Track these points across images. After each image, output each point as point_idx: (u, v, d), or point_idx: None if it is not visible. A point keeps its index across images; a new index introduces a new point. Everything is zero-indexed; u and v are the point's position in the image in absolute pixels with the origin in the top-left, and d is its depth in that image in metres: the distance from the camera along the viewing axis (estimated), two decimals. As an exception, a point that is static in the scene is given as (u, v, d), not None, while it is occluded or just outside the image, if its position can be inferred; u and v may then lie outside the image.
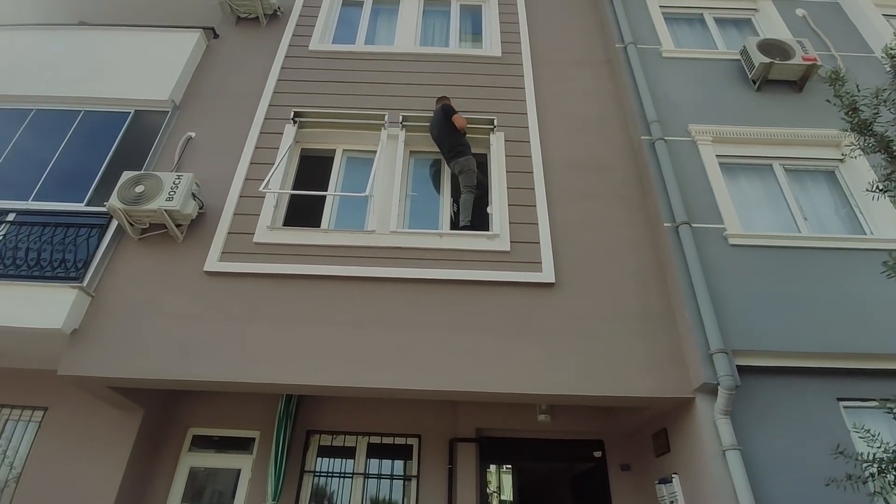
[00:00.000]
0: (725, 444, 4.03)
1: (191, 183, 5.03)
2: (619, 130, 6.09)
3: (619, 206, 5.46)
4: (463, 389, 4.45)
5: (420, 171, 6.10)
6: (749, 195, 5.56)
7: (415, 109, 6.08)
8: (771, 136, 5.79)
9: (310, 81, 6.46)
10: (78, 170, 5.71)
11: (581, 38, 7.11)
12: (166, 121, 6.06)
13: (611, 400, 4.61)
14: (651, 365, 4.49)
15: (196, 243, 5.09)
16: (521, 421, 5.67)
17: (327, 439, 5.71)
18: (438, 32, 7.45)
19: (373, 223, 5.26)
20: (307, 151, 6.16)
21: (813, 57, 6.10)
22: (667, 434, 4.78)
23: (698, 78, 6.32)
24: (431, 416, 5.70)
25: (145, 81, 6.30)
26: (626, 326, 4.69)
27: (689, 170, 5.46)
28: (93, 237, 5.06)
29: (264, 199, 5.37)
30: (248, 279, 4.91)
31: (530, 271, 4.95)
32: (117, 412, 5.23)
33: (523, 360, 4.50)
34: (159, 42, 6.73)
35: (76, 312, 4.61)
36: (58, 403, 5.27)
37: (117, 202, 4.84)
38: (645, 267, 5.05)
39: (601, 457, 5.65)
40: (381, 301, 4.79)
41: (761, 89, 6.18)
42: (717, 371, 4.17)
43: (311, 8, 7.41)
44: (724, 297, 4.61)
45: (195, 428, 5.73)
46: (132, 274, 4.95)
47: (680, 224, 4.96)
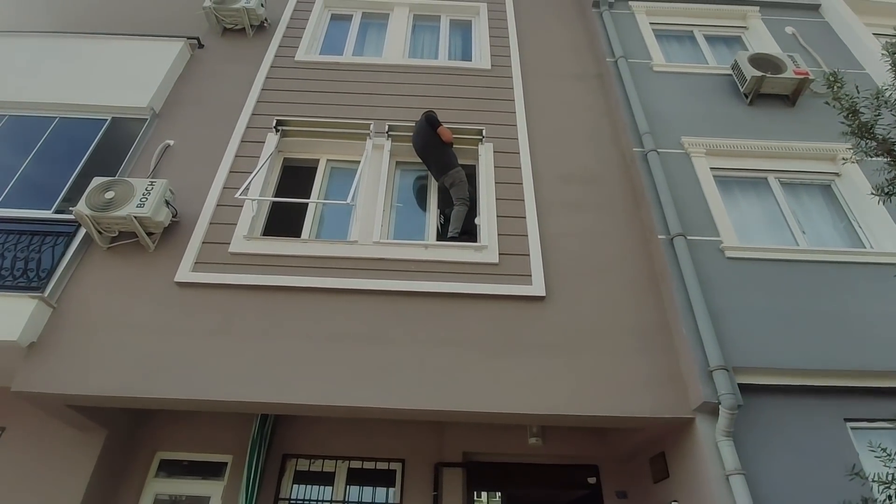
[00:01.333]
0: (728, 468, 3.76)
1: (164, 190, 4.79)
2: (610, 142, 5.96)
3: (611, 217, 5.28)
4: (449, 409, 4.17)
5: (406, 183, 5.91)
6: (745, 208, 5.42)
7: (402, 120, 5.93)
8: (765, 150, 5.68)
9: (295, 91, 6.32)
10: (49, 177, 5.46)
11: (571, 52, 7.06)
12: (144, 128, 5.86)
13: (605, 420, 4.32)
14: (647, 383, 4.24)
15: (168, 253, 4.83)
16: (511, 444, 5.37)
17: (304, 464, 5.37)
18: (428, 46, 7.38)
19: (355, 233, 5.03)
20: (290, 161, 5.96)
21: (805, 71, 6.05)
22: (665, 458, 4.50)
23: (690, 91, 6.24)
24: (416, 439, 5.38)
25: (125, 89, 6.12)
26: (620, 342, 4.45)
27: (682, 182, 5.31)
28: (58, 245, 4.79)
29: (242, 208, 5.14)
30: (221, 290, 4.64)
31: (519, 284, 4.72)
32: (78, 433, 4.87)
33: (512, 377, 4.24)
34: (142, 50, 6.59)
35: (35, 324, 4.31)
36: (14, 423, 4.90)
37: (85, 208, 4.58)
38: (639, 280, 4.85)
39: (596, 483, 5.33)
40: (362, 315, 4.52)
41: (754, 103, 6.10)
42: (717, 389, 3.92)
43: (300, 20, 7.33)
44: (722, 311, 4.40)
45: (163, 452, 5.36)
46: (99, 284, 4.66)
47: (675, 236, 4.77)
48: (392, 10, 7.62)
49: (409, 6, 7.65)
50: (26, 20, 7.52)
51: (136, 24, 7.30)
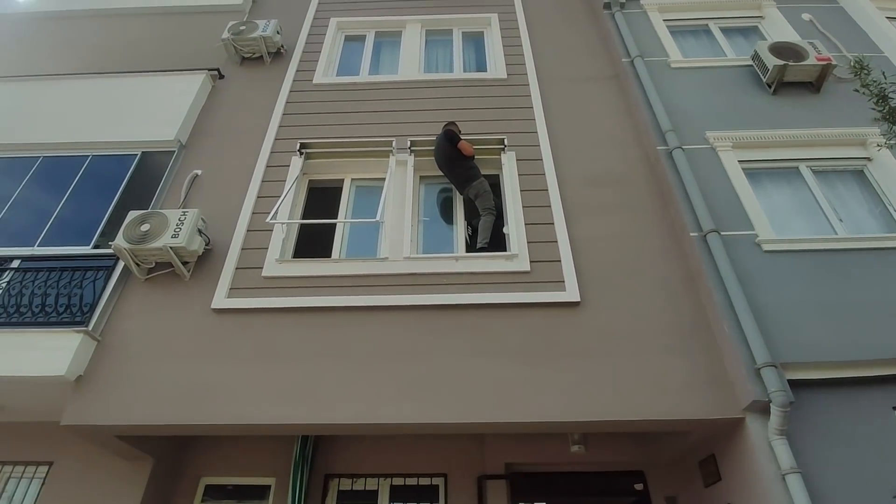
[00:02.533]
0: (784, 467, 3.65)
1: (196, 218, 4.89)
2: (632, 143, 5.91)
3: (640, 218, 5.22)
4: (489, 421, 4.13)
5: (431, 197, 5.93)
6: (777, 200, 5.31)
7: (423, 134, 5.97)
8: (794, 139, 5.58)
9: (315, 114, 6.42)
10: (85, 213, 5.62)
11: (586, 55, 7.05)
12: (172, 160, 6.00)
13: (649, 424, 4.23)
14: (691, 384, 4.15)
15: (203, 280, 4.92)
16: (554, 453, 5.28)
17: (347, 483, 5.36)
18: (442, 60, 7.44)
19: (385, 250, 5.06)
20: (315, 183, 6.04)
21: (827, 57, 5.94)
22: (716, 460, 4.38)
23: (711, 85, 6.17)
24: (457, 452, 5.34)
25: (152, 123, 6.29)
26: (660, 344, 4.37)
27: (711, 177, 5.23)
28: (99, 279, 4.91)
29: (272, 232, 5.21)
30: (257, 315, 4.70)
31: (553, 290, 4.68)
32: (125, 463, 4.95)
33: (552, 385, 4.19)
34: (166, 85, 6.77)
35: (81, 358, 4.41)
36: (63, 457, 5.01)
37: (123, 242, 4.70)
38: (674, 279, 4.77)
39: (643, 489, 5.21)
40: (397, 331, 4.53)
41: (777, 92, 6.00)
42: (766, 387, 3.82)
43: (314, 44, 7.47)
44: (763, 306, 4.30)
45: (207, 477, 5.40)
46: (139, 315, 4.76)
47: (708, 233, 4.69)
48: (404, 28, 7.71)
49: (421, 22, 7.74)
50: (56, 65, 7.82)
51: (159, 59, 7.56)
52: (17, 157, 6.17)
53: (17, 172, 6.01)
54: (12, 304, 4.75)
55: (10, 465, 5.06)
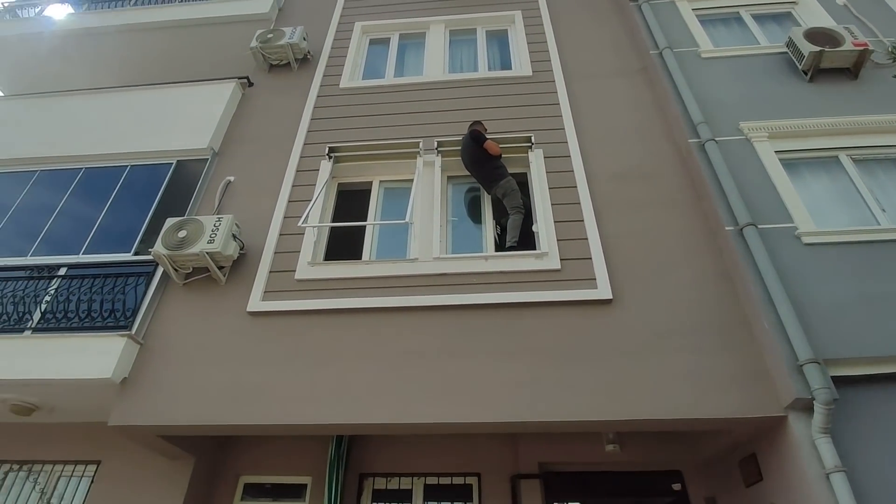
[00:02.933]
0: (828, 467, 3.53)
1: (231, 224, 5.02)
2: (663, 137, 5.80)
3: (672, 213, 5.13)
4: (521, 420, 4.11)
5: (459, 196, 5.95)
6: (817, 191, 5.12)
7: (449, 134, 5.99)
8: (833, 127, 5.39)
9: (343, 118, 6.50)
10: (125, 221, 5.82)
11: (612, 50, 6.95)
12: (206, 167, 6.17)
13: (686, 423, 4.16)
14: (730, 382, 4.05)
15: (238, 284, 5.04)
16: (588, 453, 5.23)
17: (381, 482, 5.41)
18: (466, 60, 7.44)
19: (415, 251, 5.10)
20: (344, 186, 6.12)
21: (864, 42, 5.73)
22: (757, 460, 4.27)
23: (743, 75, 6.01)
24: (490, 452, 5.34)
25: (186, 132, 6.47)
26: (696, 341, 4.28)
27: (746, 169, 5.10)
28: (140, 285, 5.08)
29: (304, 235, 5.31)
30: (291, 317, 4.79)
31: (584, 288, 4.64)
32: (169, 462, 5.11)
33: (585, 384, 4.15)
34: (198, 94, 6.96)
35: (125, 361, 4.57)
36: (110, 456, 5.20)
37: (162, 248, 4.85)
38: (709, 275, 4.67)
39: (681, 489, 5.11)
40: (429, 331, 4.56)
41: (814, 79, 5.81)
42: (809, 384, 3.70)
43: (340, 49, 7.56)
44: (805, 301, 4.16)
45: (246, 476, 5.53)
46: (178, 319, 4.91)
47: (744, 226, 4.57)
48: (428, 29, 7.74)
49: (445, 22, 7.76)
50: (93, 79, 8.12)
51: (190, 70, 7.78)
52: (61, 170, 6.43)
53: (62, 184, 6.27)
54: (60, 310, 4.96)
55: (61, 464, 5.28)
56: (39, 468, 5.29)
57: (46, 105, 7.21)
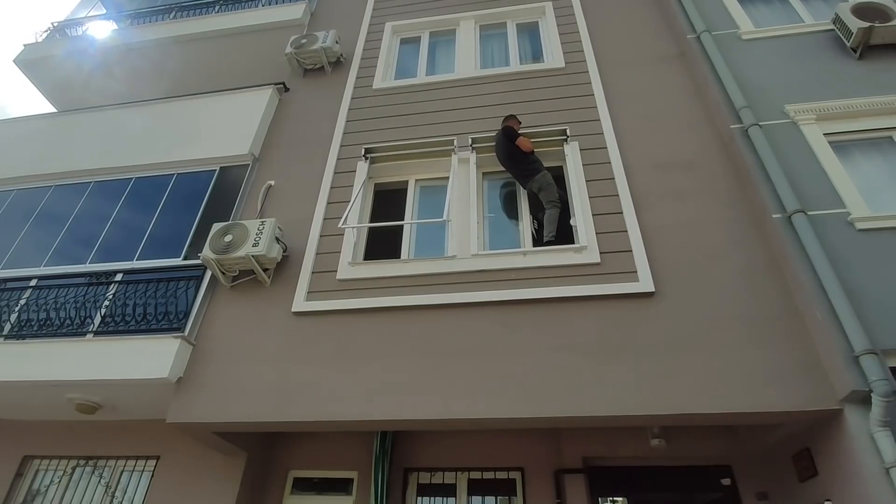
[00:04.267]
0: (888, 461, 3.41)
1: (274, 227, 5.17)
2: (703, 123, 5.65)
3: (715, 202, 5.00)
4: (564, 415, 4.11)
5: (494, 192, 5.95)
6: (870, 174, 4.90)
7: (484, 131, 5.99)
8: (885, 106, 5.14)
9: (377, 118, 6.59)
10: (174, 228, 6.08)
11: (647, 36, 6.79)
12: (248, 173, 6.37)
13: (736, 417, 4.06)
14: (780, 374, 3.93)
15: (283, 285, 5.20)
16: (633, 447, 5.17)
17: (426, 477, 5.50)
18: (498, 54, 7.41)
19: (453, 248, 5.13)
20: (380, 186, 6.21)
21: (920, 13, 5.42)
22: (811, 454, 4.14)
23: (788, 55, 5.78)
24: (533, 446, 5.35)
25: (227, 139, 6.69)
26: (743, 332, 4.17)
27: (793, 153, 4.92)
28: (190, 288, 5.31)
29: (343, 236, 5.42)
30: (334, 316, 4.91)
31: (626, 282, 4.58)
32: (223, 457, 5.33)
33: (629, 378, 4.11)
34: (236, 102, 7.18)
35: (180, 361, 4.79)
36: (168, 452, 5.48)
37: (210, 253, 5.05)
38: (756, 265, 4.53)
39: (731, 484, 5.00)
40: (469, 327, 4.60)
41: (864, 57, 5.54)
42: (867, 376, 3.57)
43: (372, 50, 7.65)
44: (859, 289, 4.00)
45: (295, 470, 5.71)
46: (227, 320, 5.10)
47: (793, 213, 4.42)
48: (458, 25, 7.74)
49: (475, 18, 7.74)
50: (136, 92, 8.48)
51: (228, 78, 8.03)
52: (112, 180, 6.75)
53: (114, 194, 6.59)
54: (118, 314, 5.24)
55: (123, 459, 5.59)
56: (104, 463, 5.61)
57: (96, 119, 7.57)
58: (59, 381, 4.91)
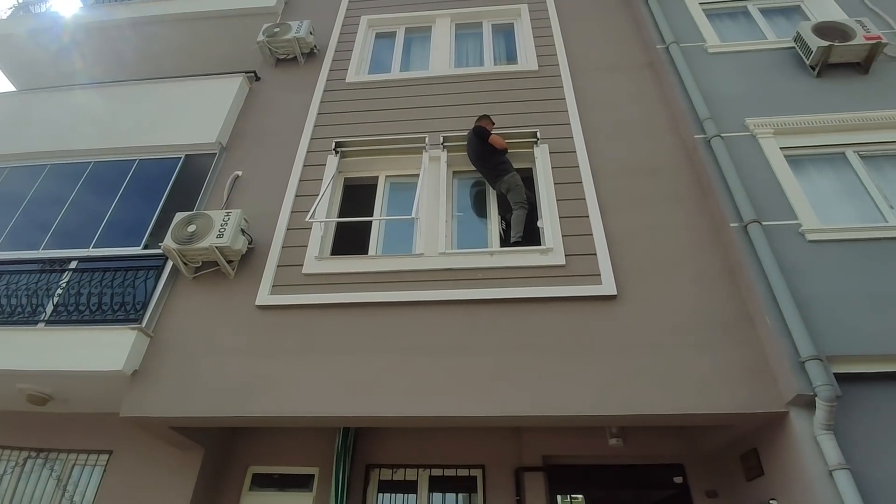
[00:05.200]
0: (831, 463, 3.57)
1: (240, 219, 5.08)
2: (669, 132, 5.80)
3: (677, 209, 5.14)
4: (526, 414, 4.17)
5: (464, 192, 5.97)
6: (822, 187, 5.12)
7: (455, 130, 6.01)
8: (840, 123, 5.37)
9: (349, 112, 6.53)
10: (135, 215, 5.90)
11: (618, 44, 6.92)
12: (214, 162, 6.23)
13: (688, 418, 4.21)
14: (733, 377, 4.09)
15: (247, 278, 5.11)
16: (591, 446, 5.29)
17: (387, 473, 5.50)
18: (472, 54, 7.44)
19: (421, 246, 5.14)
20: (350, 180, 6.17)
21: (876, 35, 5.68)
22: (758, 454, 4.32)
23: (750, 70, 5.98)
24: (495, 444, 5.41)
25: (194, 127, 6.52)
26: (700, 337, 4.31)
27: (751, 165, 5.10)
28: (150, 279, 5.16)
29: (311, 230, 5.36)
30: (299, 311, 4.86)
31: (589, 284, 4.67)
32: (179, 452, 5.20)
33: (590, 379, 4.20)
34: (205, 89, 7.00)
35: (136, 353, 4.66)
36: (122, 446, 5.30)
37: (171, 243, 4.92)
38: (713, 271, 4.69)
39: (683, 482, 5.17)
40: (434, 325, 4.61)
41: (822, 75, 5.78)
42: (812, 381, 3.74)
43: (346, 43, 7.57)
44: (808, 298, 4.19)
45: (254, 466, 5.63)
46: (188, 312, 4.99)
47: (749, 223, 4.59)
48: (434, 23, 7.73)
49: (451, 16, 7.74)
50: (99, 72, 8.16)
51: (197, 64, 7.84)
52: (70, 163, 6.50)
53: (72, 178, 6.35)
54: (72, 303, 5.06)
55: (75, 453, 5.39)
56: (55, 456, 5.40)
57: (55, 100, 7.28)
58: (8, 370, 4.73)
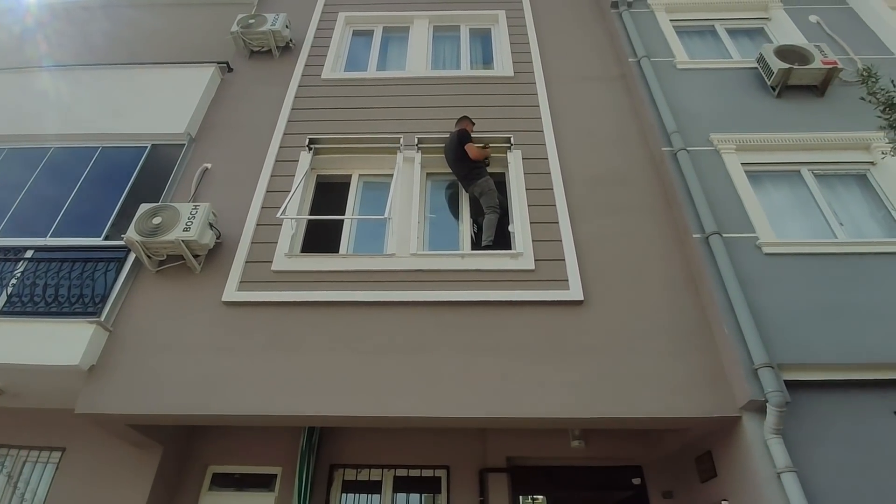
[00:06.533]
0: (779, 466, 3.75)
1: (208, 213, 4.97)
2: (638, 143, 5.97)
3: (643, 219, 5.30)
4: (492, 416, 4.23)
5: (437, 194, 6.01)
6: (779, 203, 5.38)
7: (430, 131, 6.04)
8: (796, 142, 5.64)
9: (323, 109, 6.47)
10: (96, 205, 5.70)
11: (593, 55, 7.09)
12: (182, 153, 6.07)
13: (649, 422, 4.35)
14: (690, 383, 4.25)
15: (214, 273, 5.01)
16: (554, 448, 5.40)
17: (351, 474, 5.48)
18: (449, 57, 7.48)
19: (392, 246, 5.15)
20: (323, 178, 6.12)
21: (833, 60, 5.99)
22: (712, 457, 4.50)
23: (716, 88, 6.22)
24: (459, 446, 5.45)
25: (162, 116, 6.35)
26: (661, 343, 4.46)
27: (714, 179, 5.31)
28: (110, 271, 5.00)
29: (281, 226, 5.29)
30: (267, 308, 4.79)
31: (557, 289, 4.77)
32: (136, 451, 5.06)
33: (555, 382, 4.29)
34: (175, 78, 6.81)
35: (94, 348, 4.51)
36: (76, 443, 5.12)
37: (135, 234, 4.78)
38: (676, 280, 4.86)
39: (641, 484, 5.33)
40: (403, 326, 4.63)
41: (782, 95, 6.06)
42: (763, 387, 3.92)
43: (323, 39, 7.50)
44: (763, 308, 4.39)
45: (215, 465, 5.52)
46: (150, 307, 4.85)
47: (710, 234, 4.78)
48: (412, 23, 7.74)
49: (429, 18, 7.77)
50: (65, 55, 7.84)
51: (168, 51, 7.60)
52: (27, 148, 6.23)
53: (28, 163, 6.08)
54: (27, 294, 4.85)
55: (26, 449, 5.17)
56: (6, 452, 5.17)
57: (15, 81, 6.95)
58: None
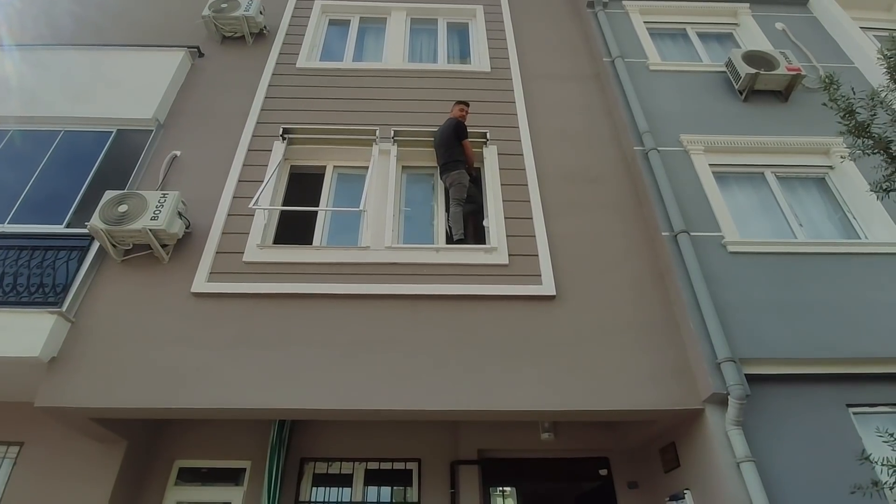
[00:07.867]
0: (739, 456, 3.91)
1: (177, 201, 4.84)
2: (610, 142, 6.09)
3: (615, 216, 5.41)
4: (464, 409, 4.27)
5: (413, 187, 6.00)
6: (743, 203, 5.57)
7: (406, 124, 6.02)
8: (760, 145, 5.84)
9: (298, 98, 6.37)
10: (57, 191, 5.48)
11: (569, 53, 7.17)
12: (150, 140, 5.88)
13: (616, 414, 4.49)
14: (657, 376, 4.38)
15: (183, 264, 4.89)
16: (524, 440, 5.49)
17: (322, 467, 5.46)
18: (426, 50, 7.45)
19: (367, 239, 5.12)
20: (297, 168, 6.03)
21: (797, 67, 6.22)
22: (675, 448, 4.65)
23: (686, 90, 6.39)
24: (431, 438, 5.49)
25: (129, 101, 6.14)
26: (630, 338, 4.58)
27: (683, 179, 5.45)
28: (73, 260, 4.83)
29: (253, 217, 5.20)
30: (237, 300, 4.71)
31: (530, 284, 4.84)
32: (99, 445, 4.92)
33: (526, 375, 4.35)
34: (143, 61, 6.60)
35: (54, 339, 4.35)
36: (35, 438, 4.93)
37: (99, 222, 4.62)
38: (644, 277, 4.99)
39: (607, 475, 5.47)
40: (376, 319, 4.62)
41: (748, 99, 6.26)
42: (726, 381, 4.07)
43: (298, 27, 7.37)
44: (727, 304, 4.55)
45: (181, 460, 5.41)
46: (115, 297, 4.71)
47: (678, 233, 4.91)
48: (389, 15, 7.68)
49: (406, 10, 7.71)
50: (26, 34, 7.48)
51: (136, 33, 7.31)
52: (-18, 130, 5.95)
53: (-16, 146, 5.80)
54: (-18, 283, 4.64)
55: (-19, 444, 4.97)
56: (-42, 447, 4.96)
57: (-31, 58, 6.62)
58: None
